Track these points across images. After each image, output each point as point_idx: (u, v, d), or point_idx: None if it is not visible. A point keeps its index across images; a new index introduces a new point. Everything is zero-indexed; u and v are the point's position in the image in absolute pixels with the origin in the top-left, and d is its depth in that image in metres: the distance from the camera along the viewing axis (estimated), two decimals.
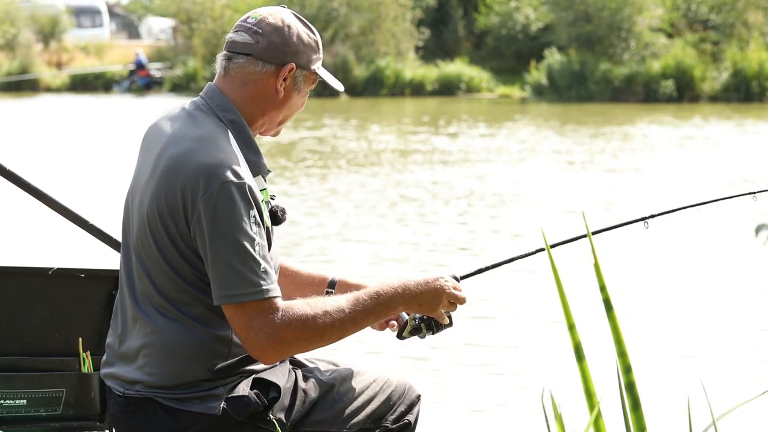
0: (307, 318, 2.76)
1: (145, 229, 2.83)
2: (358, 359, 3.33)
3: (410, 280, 2.97)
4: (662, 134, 23.47)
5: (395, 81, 38.99)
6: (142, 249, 2.86)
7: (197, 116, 2.88)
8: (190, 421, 2.85)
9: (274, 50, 2.89)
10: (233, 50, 2.91)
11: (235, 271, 2.71)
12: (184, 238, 2.78)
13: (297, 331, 2.74)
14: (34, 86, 42.23)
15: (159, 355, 2.85)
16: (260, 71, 2.89)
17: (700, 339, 7.69)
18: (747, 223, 12.17)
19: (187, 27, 44.42)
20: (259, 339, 2.73)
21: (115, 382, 2.95)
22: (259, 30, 2.89)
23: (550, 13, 40.18)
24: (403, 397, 3.13)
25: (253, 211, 2.74)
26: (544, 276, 9.50)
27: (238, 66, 2.90)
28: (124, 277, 2.95)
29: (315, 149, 20.69)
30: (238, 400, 2.87)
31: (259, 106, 2.92)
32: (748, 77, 34.56)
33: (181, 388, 2.86)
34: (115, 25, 61.55)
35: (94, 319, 3.33)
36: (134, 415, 2.90)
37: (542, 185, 15.61)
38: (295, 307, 2.76)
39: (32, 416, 3.23)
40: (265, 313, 2.72)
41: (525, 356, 7.29)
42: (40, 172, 16.60)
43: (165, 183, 2.78)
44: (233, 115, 2.89)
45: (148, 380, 2.87)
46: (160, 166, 2.81)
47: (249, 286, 2.71)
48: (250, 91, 2.91)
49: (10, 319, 3.25)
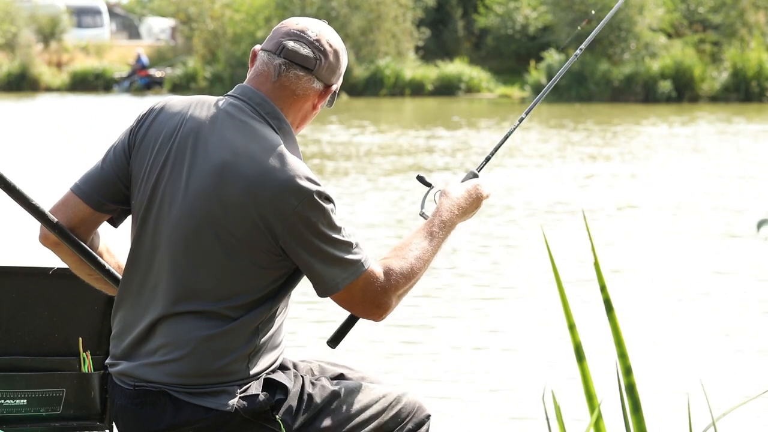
0: (406, 270, 2.97)
1: (194, 229, 2.86)
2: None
3: (460, 197, 3.16)
4: (662, 134, 23.47)
5: (395, 81, 38.98)
6: (182, 248, 2.87)
7: (253, 126, 2.89)
8: (198, 416, 2.86)
9: (329, 72, 2.98)
10: (294, 60, 2.93)
11: (337, 260, 2.87)
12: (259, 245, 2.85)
13: (401, 285, 2.95)
14: (34, 86, 42.22)
15: (183, 351, 2.86)
16: (312, 88, 2.96)
17: (700, 339, 7.69)
18: (747, 222, 12.16)
19: (187, 27, 44.41)
20: (376, 304, 2.93)
21: (126, 378, 2.94)
22: (321, 48, 2.95)
23: (549, 14, 40.16)
24: (412, 415, 3.12)
25: (333, 206, 2.88)
26: (544, 276, 9.50)
27: (295, 77, 2.94)
28: (140, 270, 2.93)
29: (315, 149, 20.69)
30: (249, 399, 2.89)
31: (297, 117, 2.99)
32: (747, 77, 34.57)
33: (197, 383, 2.87)
34: (115, 25, 61.52)
35: (94, 319, 3.33)
36: (142, 407, 2.90)
37: (541, 184, 15.61)
38: (392, 265, 2.95)
39: (32, 416, 3.23)
40: (371, 282, 2.91)
41: (525, 357, 7.29)
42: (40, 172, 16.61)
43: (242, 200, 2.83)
44: (285, 125, 2.94)
45: (166, 378, 2.87)
46: (233, 183, 2.83)
47: (351, 266, 2.88)
48: (298, 103, 2.97)
49: (10, 319, 3.25)
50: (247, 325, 2.88)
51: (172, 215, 2.88)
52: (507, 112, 30.56)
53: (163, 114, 2.96)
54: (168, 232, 2.89)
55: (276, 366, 2.99)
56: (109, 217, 3.03)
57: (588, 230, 2.45)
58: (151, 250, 2.92)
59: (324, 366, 3.20)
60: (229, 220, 2.83)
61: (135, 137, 2.97)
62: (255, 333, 2.89)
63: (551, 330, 7.77)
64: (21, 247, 10.51)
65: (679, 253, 10.76)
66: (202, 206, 2.85)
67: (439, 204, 3.13)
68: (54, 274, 3.28)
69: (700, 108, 32.04)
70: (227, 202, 2.83)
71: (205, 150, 2.87)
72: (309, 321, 7.99)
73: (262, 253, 2.85)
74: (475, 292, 9.18)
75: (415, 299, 8.83)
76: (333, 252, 2.86)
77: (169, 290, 2.88)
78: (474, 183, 3.21)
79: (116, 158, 2.99)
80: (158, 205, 2.91)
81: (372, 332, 7.74)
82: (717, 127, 25.04)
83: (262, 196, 2.82)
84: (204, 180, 2.85)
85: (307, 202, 2.82)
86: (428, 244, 3.03)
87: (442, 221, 3.09)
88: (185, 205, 2.87)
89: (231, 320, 2.86)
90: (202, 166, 2.86)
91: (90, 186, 2.99)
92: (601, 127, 25.49)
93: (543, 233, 2.52)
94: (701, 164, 18.07)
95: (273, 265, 2.88)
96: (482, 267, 10.13)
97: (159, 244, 2.90)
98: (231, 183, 2.83)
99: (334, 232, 2.87)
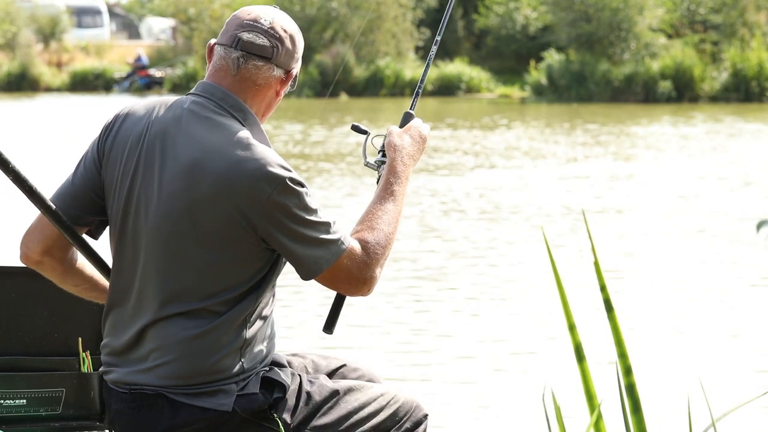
0: (381, 239, 2.96)
1: (173, 231, 2.86)
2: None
3: (407, 145, 3.14)
4: (662, 134, 23.46)
5: (395, 81, 38.98)
6: (162, 251, 2.87)
7: (218, 121, 2.90)
8: (197, 416, 2.86)
9: (288, 58, 2.97)
10: (251, 51, 2.93)
11: (317, 241, 2.88)
12: (239, 238, 2.86)
13: (381, 255, 2.95)
14: (34, 86, 42.21)
15: (174, 354, 2.86)
16: (273, 76, 2.96)
17: (700, 339, 7.69)
18: (748, 222, 12.16)
19: (186, 27, 44.41)
20: (362, 280, 2.93)
21: (121, 384, 2.94)
22: (276, 35, 2.94)
23: (549, 14, 40.16)
24: (410, 414, 3.12)
25: (306, 189, 2.89)
26: (544, 276, 9.50)
27: (255, 68, 2.94)
28: (124, 278, 2.94)
29: (315, 149, 20.68)
30: (247, 398, 2.89)
31: (261, 107, 2.99)
32: (747, 77, 34.57)
33: (193, 383, 2.87)
34: (115, 25, 61.52)
35: (93, 319, 3.33)
36: (139, 411, 2.90)
37: (541, 184, 15.60)
38: (367, 237, 2.95)
39: (32, 416, 3.23)
40: (353, 259, 2.91)
41: (525, 357, 7.29)
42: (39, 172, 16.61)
43: (216, 195, 2.83)
44: (250, 116, 2.94)
45: (160, 381, 2.87)
46: (205, 179, 2.84)
47: (332, 245, 2.89)
48: (260, 93, 2.97)
49: (10, 319, 3.26)
50: (234, 319, 2.88)
51: (149, 220, 2.89)
52: (507, 112, 30.56)
53: (128, 120, 2.97)
54: (147, 238, 2.89)
55: (269, 359, 2.99)
56: (87, 230, 3.05)
57: (588, 230, 2.45)
58: (133, 257, 2.92)
59: (317, 361, 3.21)
60: (206, 217, 2.84)
61: (103, 147, 2.98)
62: (243, 326, 2.89)
63: (551, 330, 7.77)
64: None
65: (679, 253, 10.76)
66: (177, 206, 2.85)
67: (389, 159, 3.10)
68: None
69: (700, 108, 32.04)
70: (201, 198, 2.84)
71: (174, 150, 2.88)
72: (298, 310, 7.99)
73: (243, 246, 2.87)
74: (475, 291, 9.17)
75: (415, 299, 8.84)
76: (312, 234, 2.87)
77: (155, 295, 2.88)
78: (414, 126, 3.19)
79: (87, 170, 3.00)
80: (134, 212, 2.91)
81: (371, 333, 7.75)
82: (717, 127, 25.03)
83: (236, 188, 2.83)
84: (176, 180, 2.86)
85: (281, 188, 2.83)
86: (393, 205, 3.02)
87: (397, 176, 3.07)
88: (161, 207, 2.87)
89: (218, 316, 2.87)
90: (173, 167, 2.87)
91: (63, 201, 3.00)
92: (600, 127, 25.48)
93: (543, 233, 2.52)
94: (701, 164, 18.07)
95: (255, 256, 2.89)
96: (482, 267, 10.12)
97: (140, 250, 2.91)
98: (203, 180, 2.84)
99: (311, 215, 2.87)
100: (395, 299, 8.77)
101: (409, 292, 9.04)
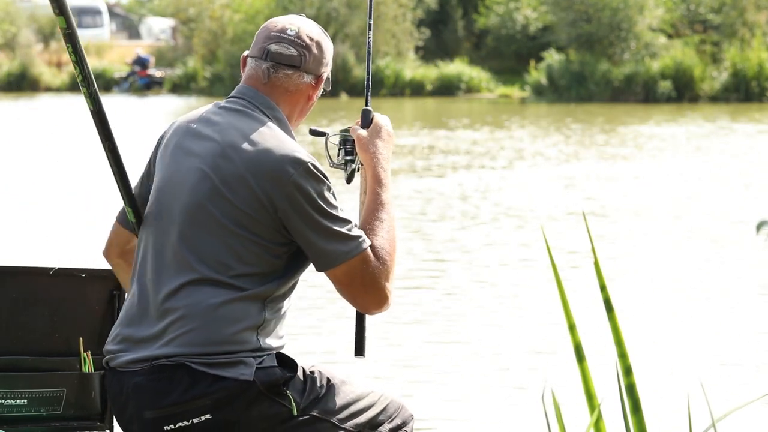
0: (386, 246, 3.04)
1: (201, 205, 2.98)
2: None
3: (379, 147, 3.20)
4: (662, 134, 23.47)
5: (395, 81, 38.98)
6: (189, 225, 2.99)
7: (249, 113, 3.07)
8: (216, 385, 2.90)
9: (316, 64, 3.13)
10: (279, 62, 3.09)
11: (336, 234, 2.97)
12: (263, 220, 2.96)
13: (390, 265, 3.04)
14: (34, 86, 42.21)
15: (196, 322, 2.92)
16: (303, 83, 3.12)
17: (700, 339, 7.70)
18: (748, 222, 12.17)
19: (186, 27, 44.38)
20: (378, 287, 3.02)
21: (139, 363, 2.96)
22: (303, 43, 3.10)
23: (549, 14, 40.16)
24: (398, 411, 3.22)
25: (330, 185, 3.01)
26: (544, 276, 9.50)
27: (285, 76, 3.10)
28: (151, 258, 3.02)
29: (313, 150, 20.70)
30: (266, 371, 2.96)
31: (294, 111, 3.16)
32: (747, 77, 34.58)
33: (213, 352, 2.91)
34: (115, 25, 61.52)
35: (94, 318, 3.34)
36: (158, 381, 2.93)
37: (541, 184, 15.61)
38: (378, 246, 3.03)
39: (33, 416, 3.24)
40: (370, 263, 2.99)
41: (525, 357, 7.29)
42: (39, 172, 16.60)
43: (245, 175, 2.96)
44: (278, 113, 3.10)
45: (181, 349, 2.92)
46: (237, 160, 2.98)
47: (351, 241, 2.98)
48: (293, 98, 3.13)
49: (10, 319, 3.26)
50: (255, 297, 2.97)
51: (178, 198, 3.02)
52: (507, 113, 30.57)
53: (173, 128, 3.16)
54: (176, 211, 3.01)
55: (281, 348, 3.06)
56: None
57: (588, 230, 2.45)
58: (163, 236, 3.03)
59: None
60: (234, 195, 2.97)
61: (154, 159, 3.17)
62: (263, 307, 2.98)
63: (551, 330, 7.77)
64: (21, 247, 10.52)
65: (679, 253, 10.76)
66: (207, 186, 2.99)
67: (368, 168, 3.17)
68: (54, 274, 3.29)
69: (701, 108, 32.05)
70: (231, 178, 2.97)
71: (206, 138, 3.04)
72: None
73: (265, 230, 2.97)
74: (475, 291, 9.18)
75: (414, 299, 8.84)
76: (331, 226, 2.97)
77: (181, 265, 2.97)
78: (379, 125, 3.23)
79: (142, 184, 3.19)
80: (169, 191, 3.05)
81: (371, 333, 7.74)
82: (717, 127, 25.04)
83: (263, 168, 2.97)
84: (207, 162, 3.00)
85: (303, 171, 2.96)
86: (386, 214, 3.10)
87: (382, 185, 3.15)
88: (190, 186, 3.01)
89: (239, 290, 2.96)
90: (204, 151, 3.02)
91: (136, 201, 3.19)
92: (600, 127, 25.49)
93: (543, 233, 2.52)
94: (701, 164, 18.08)
95: (276, 240, 2.99)
96: (482, 267, 10.13)
97: (171, 224, 3.02)
98: (233, 162, 2.98)
99: (332, 208, 2.99)
100: (394, 299, 8.77)
101: (409, 293, 9.04)
